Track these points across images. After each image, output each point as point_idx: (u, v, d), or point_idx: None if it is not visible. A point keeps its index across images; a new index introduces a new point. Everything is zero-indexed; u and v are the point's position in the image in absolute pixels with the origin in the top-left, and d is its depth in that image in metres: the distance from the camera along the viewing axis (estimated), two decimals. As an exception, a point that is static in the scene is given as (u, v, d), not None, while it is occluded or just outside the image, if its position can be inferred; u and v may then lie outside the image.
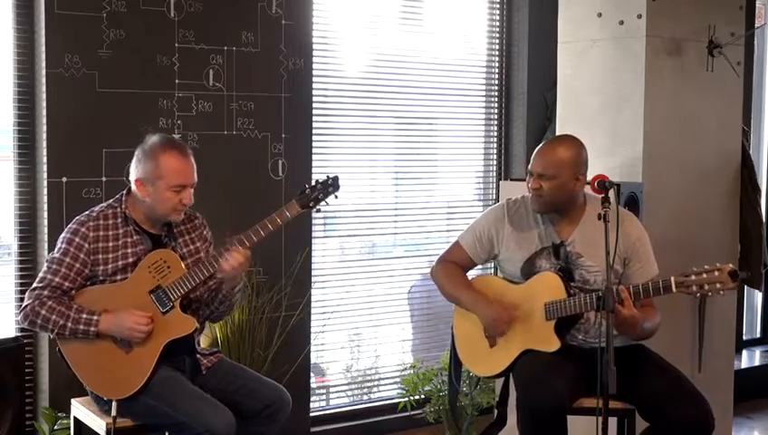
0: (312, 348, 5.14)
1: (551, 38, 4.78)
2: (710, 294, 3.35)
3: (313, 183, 3.59)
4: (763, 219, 5.23)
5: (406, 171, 5.70)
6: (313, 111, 5.01)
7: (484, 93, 5.90)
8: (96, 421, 3.53)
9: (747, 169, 4.96)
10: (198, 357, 3.60)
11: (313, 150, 5.01)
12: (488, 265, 5.16)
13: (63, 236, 3.50)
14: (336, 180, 3.60)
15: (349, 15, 5.32)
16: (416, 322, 5.76)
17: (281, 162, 4.85)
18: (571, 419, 3.48)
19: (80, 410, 3.65)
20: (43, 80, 4.26)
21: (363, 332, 5.54)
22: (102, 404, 3.52)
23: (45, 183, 4.29)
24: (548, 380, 3.42)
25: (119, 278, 3.49)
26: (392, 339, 5.66)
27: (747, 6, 4.88)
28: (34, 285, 3.48)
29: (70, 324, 3.40)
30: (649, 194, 4.33)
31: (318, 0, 5.06)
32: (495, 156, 5.92)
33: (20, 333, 4.28)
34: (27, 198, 4.38)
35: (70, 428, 3.80)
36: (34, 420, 4.39)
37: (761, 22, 6.51)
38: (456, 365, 3.89)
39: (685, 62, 4.54)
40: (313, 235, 5.08)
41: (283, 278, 4.85)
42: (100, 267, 3.48)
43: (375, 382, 5.61)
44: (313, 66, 4.98)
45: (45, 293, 3.43)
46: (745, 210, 4.96)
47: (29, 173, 4.37)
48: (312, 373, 5.20)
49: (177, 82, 4.57)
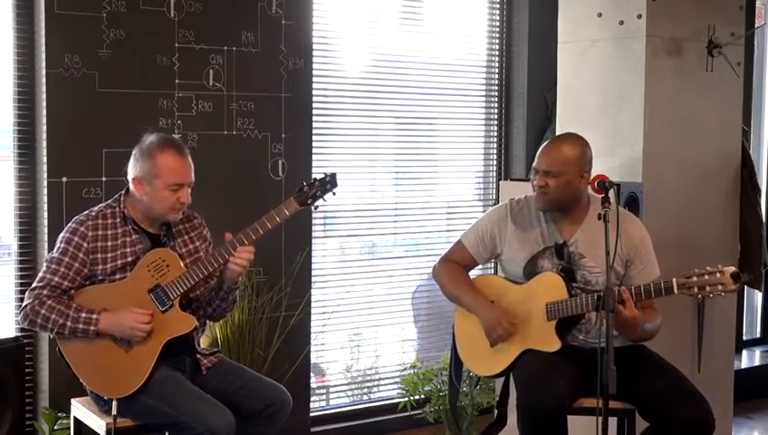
0: (312, 348, 5.14)
1: (551, 38, 4.78)
2: (711, 296, 3.35)
3: (311, 180, 3.58)
4: (763, 219, 5.23)
5: (406, 171, 5.70)
6: (313, 111, 5.01)
7: (484, 93, 5.89)
8: (96, 421, 3.53)
9: (747, 169, 4.96)
10: (199, 357, 3.60)
11: (313, 150, 5.01)
12: (488, 266, 5.16)
13: (62, 235, 3.50)
14: (334, 177, 3.60)
15: (349, 15, 5.32)
16: (420, 322, 5.76)
17: (281, 162, 4.85)
18: (571, 419, 3.48)
19: (80, 410, 3.65)
20: (43, 80, 4.26)
21: (363, 332, 5.54)
22: (102, 404, 3.52)
23: (45, 183, 4.29)
24: (548, 380, 3.41)
25: (118, 277, 3.49)
26: (392, 339, 5.66)
27: (747, 6, 4.88)
28: (34, 285, 3.48)
29: (69, 323, 3.40)
30: (649, 194, 4.33)
31: (318, 0, 5.06)
32: (495, 156, 5.92)
33: (20, 333, 4.28)
34: (27, 198, 4.38)
35: (70, 428, 3.80)
36: (34, 420, 4.39)
37: (761, 22, 6.51)
38: (457, 364, 3.89)
39: (685, 62, 4.54)
40: (313, 235, 5.08)
41: (283, 278, 4.85)
42: (99, 267, 3.47)
43: (375, 382, 5.60)
44: (313, 66, 4.98)
45: (45, 292, 3.43)
46: (745, 210, 4.95)
47: (29, 173, 4.37)
48: (312, 373, 5.20)
49: (177, 82, 4.57)
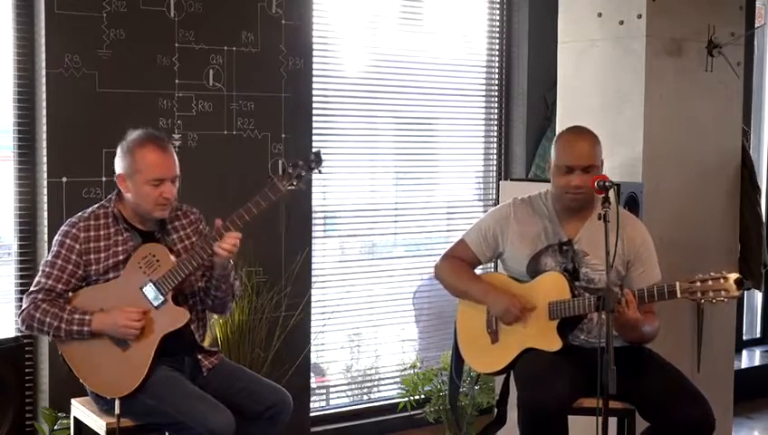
0: (312, 348, 5.14)
1: (551, 38, 4.78)
2: (714, 302, 3.34)
3: (295, 161, 3.51)
4: (763, 219, 5.22)
5: (406, 171, 5.70)
6: (313, 111, 5.01)
7: (484, 93, 5.89)
8: (96, 421, 3.53)
9: (747, 168, 4.96)
10: (200, 358, 3.59)
11: (313, 150, 4.99)
12: (487, 266, 5.16)
13: (55, 239, 3.52)
14: (318, 155, 3.52)
15: (349, 15, 5.31)
16: (422, 323, 5.76)
17: (281, 162, 4.85)
18: (571, 419, 3.48)
19: (80, 410, 3.65)
20: (43, 80, 4.26)
21: (363, 332, 5.54)
22: (103, 404, 3.52)
23: (45, 183, 4.29)
24: (549, 379, 3.41)
25: (111, 276, 3.49)
26: (392, 339, 5.66)
27: (747, 6, 4.88)
28: (30, 290, 3.50)
29: (64, 326, 3.41)
30: (649, 194, 4.33)
31: (318, 0, 5.06)
32: (495, 156, 5.92)
33: (20, 333, 4.28)
34: (27, 198, 4.38)
35: (70, 428, 3.79)
36: (34, 420, 4.39)
37: (761, 22, 6.51)
38: (458, 362, 3.89)
39: (685, 62, 4.54)
40: (313, 235, 5.08)
41: (283, 278, 4.85)
42: (93, 267, 3.48)
43: (375, 382, 5.61)
44: (313, 66, 4.98)
45: (40, 296, 3.45)
46: (746, 210, 4.95)
47: (29, 173, 4.37)
48: (312, 373, 5.20)
49: (177, 82, 4.57)
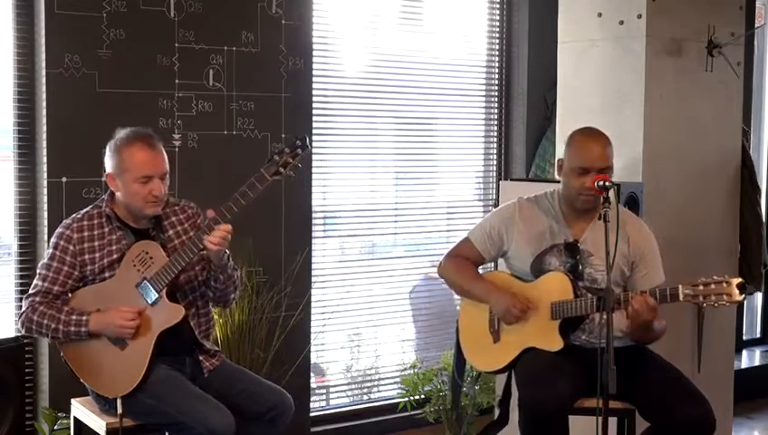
0: (312, 348, 5.14)
1: (551, 38, 4.78)
2: (716, 306, 3.34)
3: (280, 148, 3.48)
4: (763, 219, 5.23)
5: (406, 171, 5.70)
6: (313, 111, 5.00)
7: (484, 93, 5.89)
8: (96, 421, 3.53)
9: (747, 168, 4.96)
10: (201, 359, 3.59)
11: (313, 150, 5.01)
12: (487, 266, 5.16)
13: (51, 241, 3.53)
14: (304, 141, 3.46)
15: (349, 15, 5.31)
16: (421, 322, 5.76)
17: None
18: (571, 419, 3.47)
19: (80, 410, 3.65)
20: (43, 80, 4.26)
21: (363, 332, 5.54)
22: (103, 404, 3.52)
23: (45, 183, 4.29)
24: (550, 379, 3.41)
25: (107, 276, 3.49)
26: (392, 339, 5.66)
27: (747, 6, 4.88)
28: (28, 293, 3.51)
29: (62, 327, 3.41)
30: (649, 194, 4.33)
31: (318, 0, 5.06)
32: (495, 156, 5.92)
33: (20, 334, 4.28)
34: (27, 198, 4.38)
35: (70, 428, 3.79)
36: (34, 420, 4.39)
37: (761, 22, 6.51)
38: (460, 360, 3.89)
39: (685, 62, 4.54)
40: (313, 235, 5.08)
41: (283, 278, 4.85)
42: (88, 267, 3.48)
43: (375, 382, 5.61)
44: (313, 66, 4.98)
45: (37, 299, 3.46)
46: (746, 210, 4.95)
47: (29, 173, 4.37)
48: (312, 373, 5.20)
49: (177, 82, 4.57)
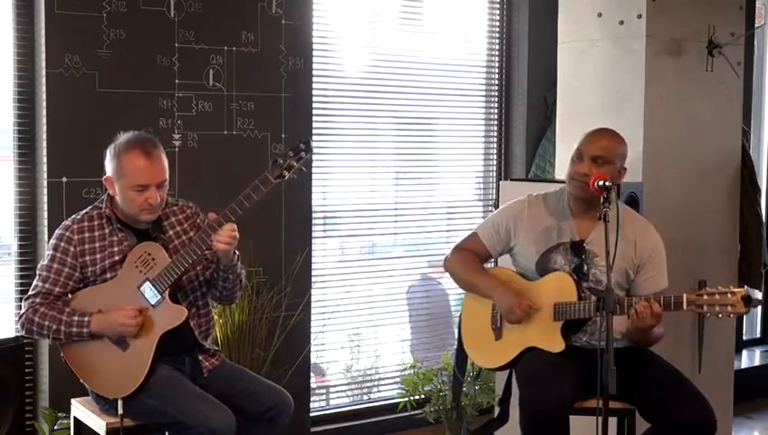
0: (312, 348, 5.14)
1: (551, 38, 4.78)
2: (720, 316, 3.34)
3: (284, 151, 3.49)
4: (763, 219, 5.23)
5: (406, 171, 5.70)
6: (313, 111, 5.01)
7: (484, 93, 5.89)
8: (96, 421, 3.53)
9: (747, 168, 4.96)
10: (201, 359, 3.59)
11: (313, 150, 5.00)
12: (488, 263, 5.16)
13: (51, 242, 3.52)
14: (308, 144, 3.48)
15: (349, 15, 5.32)
16: (415, 322, 5.76)
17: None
18: (571, 419, 3.48)
19: (80, 410, 3.65)
20: (43, 80, 4.26)
21: (363, 332, 5.54)
22: (103, 404, 3.52)
23: (45, 183, 4.29)
24: (551, 380, 3.41)
25: (108, 277, 3.49)
26: (392, 339, 5.66)
27: (747, 6, 4.88)
28: (28, 294, 3.50)
29: (63, 328, 3.41)
30: (649, 194, 4.33)
31: (318, 0, 5.06)
32: (495, 156, 5.92)
33: (20, 334, 4.28)
34: (27, 198, 4.38)
35: (70, 428, 3.79)
36: (34, 420, 4.39)
37: (761, 22, 6.51)
38: (461, 356, 3.88)
39: (685, 62, 4.54)
40: (313, 235, 5.08)
41: (283, 278, 4.85)
42: (89, 268, 3.48)
43: (375, 382, 5.61)
44: (313, 66, 4.98)
45: (38, 300, 3.45)
46: (746, 210, 4.95)
47: (29, 173, 4.37)
48: (312, 373, 5.20)
49: (177, 82, 4.57)
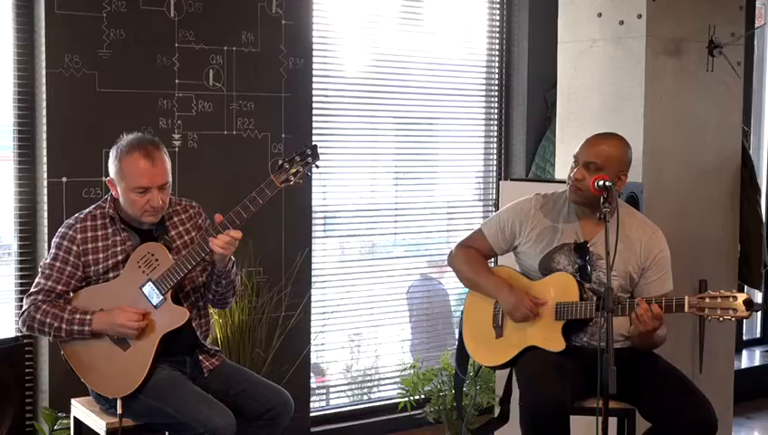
0: (312, 348, 5.14)
1: (551, 38, 4.78)
2: (721, 320, 3.34)
3: (291, 156, 3.49)
4: (763, 219, 5.23)
5: (406, 171, 5.70)
6: (313, 111, 5.01)
7: (484, 93, 5.89)
8: (96, 421, 3.53)
9: (747, 168, 4.96)
10: (201, 359, 3.59)
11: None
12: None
13: (54, 240, 3.52)
14: (315, 150, 3.48)
15: (349, 15, 5.32)
16: (415, 322, 5.76)
17: (281, 162, 4.83)
18: (571, 419, 3.48)
19: (80, 410, 3.65)
20: (43, 80, 4.26)
21: (363, 332, 5.54)
22: (103, 403, 3.53)
23: (45, 183, 4.29)
24: (551, 380, 3.41)
25: (111, 276, 3.49)
26: (392, 339, 5.66)
27: (747, 6, 4.88)
28: (30, 291, 3.50)
29: (64, 326, 3.41)
30: (649, 194, 4.33)
31: (318, 0, 5.06)
32: (495, 156, 5.92)
33: (20, 333, 4.28)
34: (27, 198, 4.38)
35: (70, 428, 3.80)
36: (34, 420, 4.39)
37: (761, 22, 6.51)
38: (462, 354, 3.88)
39: (685, 62, 4.54)
40: (313, 235, 5.08)
41: (283, 278, 4.85)
42: (92, 268, 3.49)
43: (375, 382, 5.61)
44: (313, 66, 4.98)
45: (40, 297, 3.46)
46: (745, 210, 4.95)
47: (29, 173, 4.37)
48: (312, 373, 5.20)
49: (177, 82, 4.57)
